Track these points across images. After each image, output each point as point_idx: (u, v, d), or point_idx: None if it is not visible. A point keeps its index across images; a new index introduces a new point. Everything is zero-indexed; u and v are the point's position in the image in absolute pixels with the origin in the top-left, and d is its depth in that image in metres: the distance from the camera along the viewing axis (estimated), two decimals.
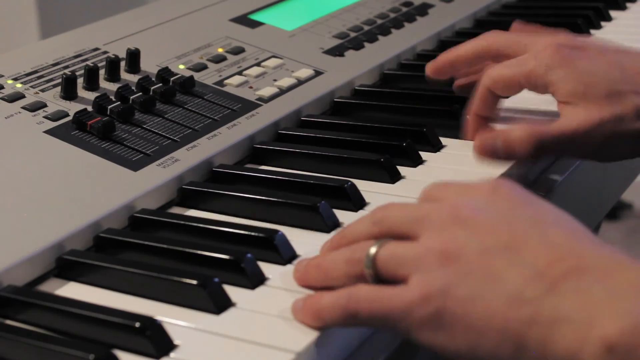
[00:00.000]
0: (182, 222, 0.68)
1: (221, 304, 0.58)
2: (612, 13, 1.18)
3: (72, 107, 0.79)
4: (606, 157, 0.75)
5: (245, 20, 1.03)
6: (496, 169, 0.74)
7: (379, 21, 1.08)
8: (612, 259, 0.51)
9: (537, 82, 0.74)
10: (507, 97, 0.81)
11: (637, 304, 0.47)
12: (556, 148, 0.72)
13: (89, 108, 0.79)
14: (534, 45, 0.77)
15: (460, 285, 0.51)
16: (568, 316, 0.48)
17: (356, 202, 0.71)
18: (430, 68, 0.86)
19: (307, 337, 0.55)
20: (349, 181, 0.72)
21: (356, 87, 0.95)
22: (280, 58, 0.95)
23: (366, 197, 0.72)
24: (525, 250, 0.52)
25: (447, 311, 0.51)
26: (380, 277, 0.55)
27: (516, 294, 0.50)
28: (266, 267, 0.62)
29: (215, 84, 0.88)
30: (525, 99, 0.83)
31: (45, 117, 0.78)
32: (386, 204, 0.59)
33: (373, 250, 0.55)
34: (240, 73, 0.91)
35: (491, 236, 0.53)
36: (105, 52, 0.90)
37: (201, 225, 0.68)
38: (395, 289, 0.53)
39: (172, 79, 0.85)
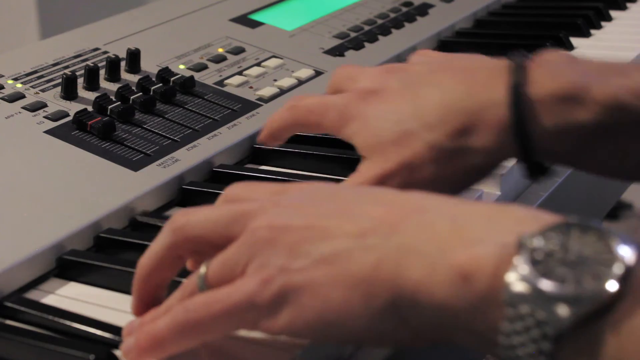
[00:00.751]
0: None
1: None
2: (612, 13, 1.18)
3: (73, 107, 0.79)
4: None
5: (245, 20, 1.03)
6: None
7: (379, 21, 1.08)
8: (452, 199, 0.49)
9: (340, 135, 0.65)
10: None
11: (489, 231, 0.44)
12: None
13: (89, 108, 0.79)
14: (348, 87, 0.67)
15: (297, 255, 0.48)
16: (415, 249, 0.45)
17: None
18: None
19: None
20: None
21: None
22: (281, 58, 0.95)
23: None
24: (357, 211, 0.49)
25: (289, 286, 0.48)
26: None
27: (356, 245, 0.47)
28: None
29: (215, 84, 0.88)
30: None
31: (45, 117, 0.78)
32: (183, 209, 0.54)
33: (203, 269, 0.51)
34: (240, 73, 0.91)
35: (318, 207, 0.50)
36: (105, 52, 0.90)
37: None
38: (233, 285, 0.49)
39: (172, 79, 0.85)
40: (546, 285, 0.41)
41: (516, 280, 0.42)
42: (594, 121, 0.59)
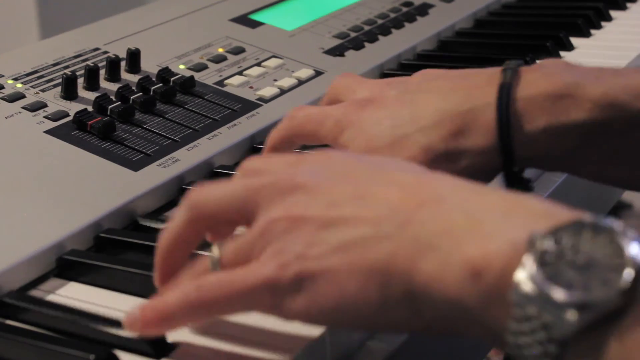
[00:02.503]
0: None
1: None
2: (612, 13, 1.18)
3: (73, 107, 0.79)
4: None
5: (245, 20, 1.03)
6: None
7: (379, 21, 1.08)
8: (469, 186, 0.48)
9: (336, 145, 0.66)
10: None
11: (501, 226, 0.44)
12: None
13: (90, 108, 0.79)
14: (350, 96, 0.68)
15: (314, 243, 0.48)
16: (430, 243, 0.45)
17: None
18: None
19: (307, 337, 0.55)
20: None
21: None
22: (281, 58, 0.95)
23: None
24: (374, 195, 0.49)
25: (305, 272, 0.48)
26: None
27: (372, 233, 0.47)
28: None
29: (215, 84, 0.88)
30: None
31: (45, 117, 0.78)
32: (198, 186, 0.54)
33: (216, 251, 0.52)
34: (240, 73, 0.91)
35: (334, 191, 0.50)
36: (105, 52, 0.90)
37: None
38: (248, 267, 0.50)
39: (172, 79, 0.85)
40: (553, 289, 0.41)
41: (525, 280, 0.42)
42: (588, 120, 0.59)
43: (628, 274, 0.41)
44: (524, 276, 0.42)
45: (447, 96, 0.63)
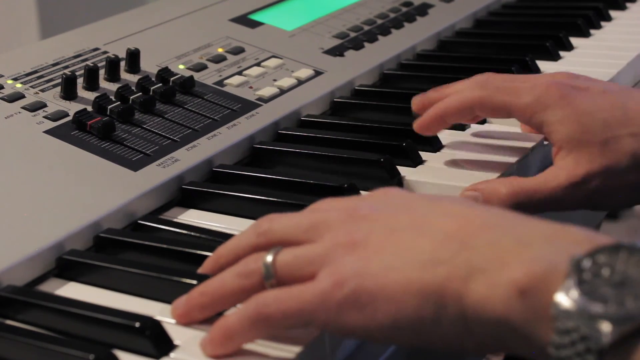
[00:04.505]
0: (183, 222, 0.68)
1: None
2: (612, 13, 1.18)
3: (72, 107, 0.79)
4: (599, 207, 0.74)
5: (245, 20, 1.03)
6: (495, 168, 0.75)
7: (379, 21, 1.08)
8: (518, 216, 0.52)
9: (532, 119, 0.71)
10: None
11: (545, 251, 0.48)
12: (537, 207, 0.69)
13: (89, 108, 0.79)
14: (532, 80, 0.73)
15: (372, 263, 0.51)
16: (481, 267, 0.49)
17: None
18: (418, 125, 0.77)
19: (306, 337, 0.55)
20: (349, 181, 0.72)
21: (356, 87, 0.95)
22: (280, 58, 0.95)
23: None
24: (430, 224, 0.52)
25: (363, 289, 0.50)
26: (283, 283, 0.53)
27: (429, 257, 0.50)
28: None
29: (215, 84, 0.88)
30: None
31: (45, 117, 0.78)
32: (268, 215, 0.57)
33: (269, 258, 0.54)
34: (240, 73, 0.91)
35: (394, 220, 0.53)
36: (105, 52, 0.90)
37: (201, 225, 0.68)
38: (306, 284, 0.52)
39: (172, 79, 0.85)
40: (590, 304, 0.45)
41: (564, 297, 0.45)
42: None
43: None
44: (564, 294, 0.46)
45: None
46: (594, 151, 0.67)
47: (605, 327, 0.44)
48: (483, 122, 0.85)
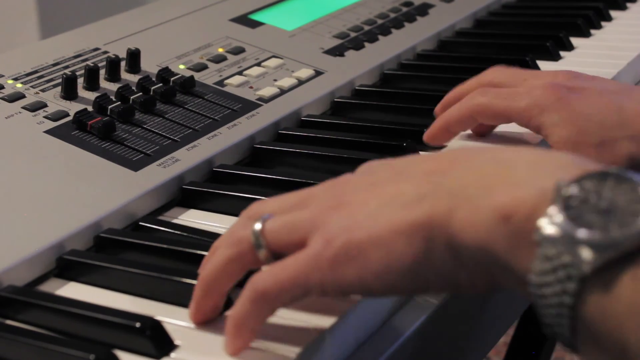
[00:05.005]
0: (182, 222, 0.68)
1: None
2: (612, 13, 1.18)
3: (73, 107, 0.79)
4: None
5: (245, 20, 1.03)
6: None
7: (379, 21, 1.08)
8: (499, 145, 0.53)
9: (530, 122, 0.71)
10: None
11: (531, 175, 0.47)
12: None
13: (89, 108, 0.79)
14: (532, 80, 0.74)
15: (358, 216, 0.51)
16: (464, 194, 0.48)
17: None
18: (427, 135, 0.78)
19: (306, 337, 0.55)
20: None
21: (356, 87, 0.95)
22: (281, 58, 0.95)
23: None
24: (410, 169, 0.52)
25: (351, 241, 0.50)
26: (274, 251, 0.53)
27: (412, 196, 0.50)
28: None
29: (215, 84, 0.88)
30: None
31: (45, 117, 0.78)
32: (258, 201, 0.58)
33: (258, 225, 0.54)
34: (240, 73, 0.91)
35: (375, 177, 0.53)
36: (105, 52, 0.90)
37: (201, 225, 0.68)
38: (297, 253, 0.52)
39: (172, 79, 0.85)
40: (574, 230, 0.43)
41: (548, 223, 0.44)
42: None
43: None
44: (548, 220, 0.44)
45: None
46: (590, 153, 0.67)
47: (588, 254, 0.43)
48: None
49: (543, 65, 1.00)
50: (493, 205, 0.47)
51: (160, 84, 0.84)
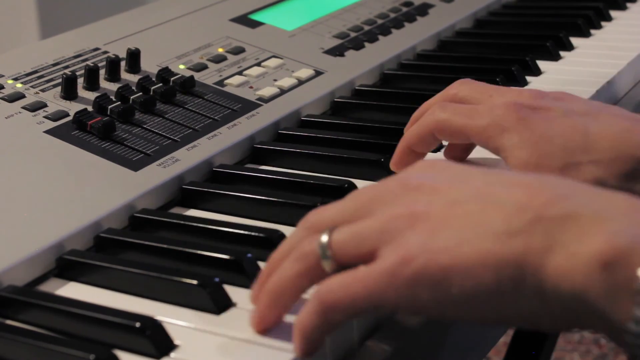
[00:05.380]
0: (182, 222, 0.68)
1: (221, 303, 0.58)
2: (612, 13, 1.18)
3: (73, 107, 0.79)
4: None
5: (245, 20, 1.03)
6: (495, 167, 0.75)
7: (379, 21, 1.08)
8: (589, 187, 0.50)
9: (489, 143, 0.66)
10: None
11: (626, 224, 0.46)
12: None
13: (89, 108, 0.79)
14: (496, 97, 0.69)
15: (440, 237, 0.48)
16: (560, 239, 0.47)
17: None
18: (392, 163, 0.73)
19: None
20: (349, 181, 0.72)
21: (356, 87, 0.95)
22: (281, 58, 0.95)
23: None
24: (496, 194, 0.50)
25: (435, 264, 0.48)
26: (342, 263, 0.51)
27: (503, 229, 0.48)
28: None
29: (215, 84, 0.88)
30: None
31: (45, 117, 0.78)
32: (316, 209, 0.55)
33: (324, 237, 0.51)
34: (240, 73, 0.91)
35: (453, 191, 0.51)
36: (105, 52, 0.90)
37: (201, 225, 0.67)
38: (369, 266, 0.49)
39: (172, 79, 0.85)
40: None
41: None
42: None
43: None
44: None
45: (623, 135, 0.64)
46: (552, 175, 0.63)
47: None
48: None
49: (543, 65, 1.00)
50: (592, 252, 0.46)
51: (160, 84, 0.84)
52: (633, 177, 0.62)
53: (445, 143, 0.75)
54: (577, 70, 0.99)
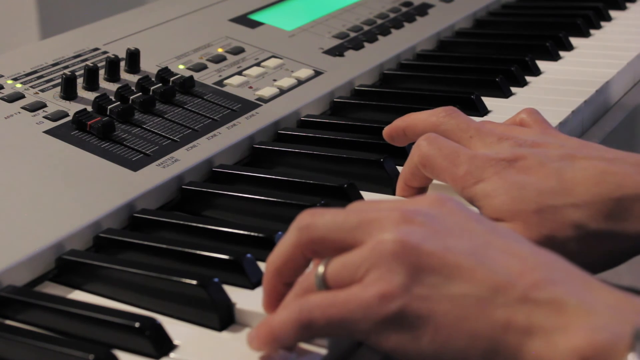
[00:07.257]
0: (182, 222, 0.68)
1: (221, 304, 0.58)
2: (612, 13, 1.18)
3: (72, 107, 0.79)
4: None
5: (245, 20, 1.03)
6: None
7: (379, 21, 1.08)
8: (580, 275, 0.50)
9: (463, 191, 0.65)
10: None
11: (609, 320, 0.47)
12: None
13: (89, 108, 0.79)
14: (475, 141, 0.68)
15: (423, 283, 0.48)
16: (542, 325, 0.47)
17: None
18: (385, 131, 0.75)
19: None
20: (349, 181, 0.72)
21: (356, 87, 0.95)
22: (280, 58, 0.95)
23: (365, 197, 0.72)
24: (492, 259, 0.50)
25: (410, 311, 0.48)
26: (336, 288, 0.51)
27: (489, 298, 0.48)
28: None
29: (215, 84, 0.88)
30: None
31: (45, 117, 0.78)
32: (309, 209, 0.54)
33: (321, 269, 0.52)
34: (240, 73, 0.91)
35: (453, 239, 0.50)
36: (105, 52, 0.90)
37: (201, 225, 0.67)
38: (351, 289, 0.50)
39: (172, 79, 0.85)
40: None
41: None
42: None
43: None
44: None
45: (599, 178, 0.63)
46: (532, 220, 0.63)
47: None
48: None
49: (543, 65, 1.00)
50: (572, 346, 0.46)
51: (160, 84, 0.84)
52: (613, 218, 0.62)
53: None
54: (577, 70, 0.99)
